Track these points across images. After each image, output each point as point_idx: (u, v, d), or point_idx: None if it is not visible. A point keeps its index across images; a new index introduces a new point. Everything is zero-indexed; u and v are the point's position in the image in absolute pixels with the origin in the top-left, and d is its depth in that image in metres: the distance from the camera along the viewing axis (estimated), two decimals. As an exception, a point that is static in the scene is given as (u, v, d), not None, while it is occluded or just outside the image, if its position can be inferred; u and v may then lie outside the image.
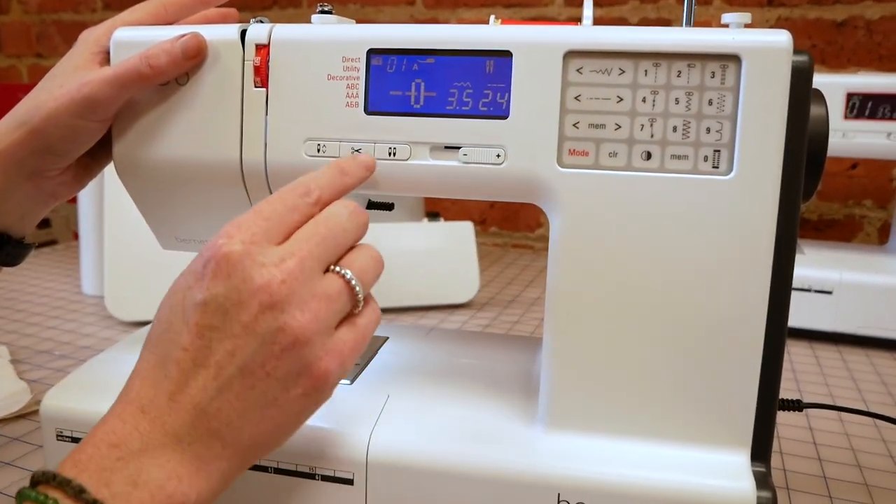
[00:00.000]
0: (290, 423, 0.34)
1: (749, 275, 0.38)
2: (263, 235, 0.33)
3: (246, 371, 0.32)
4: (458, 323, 0.85)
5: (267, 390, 0.32)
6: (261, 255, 0.32)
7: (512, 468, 0.39)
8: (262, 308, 0.32)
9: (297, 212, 0.35)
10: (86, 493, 0.29)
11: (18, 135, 0.42)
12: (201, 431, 0.32)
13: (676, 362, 0.39)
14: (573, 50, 0.38)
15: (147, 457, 0.31)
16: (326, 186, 0.36)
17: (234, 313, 0.32)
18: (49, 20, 1.66)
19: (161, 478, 0.30)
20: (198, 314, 0.32)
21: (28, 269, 1.05)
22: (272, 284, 0.32)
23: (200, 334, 0.32)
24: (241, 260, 0.32)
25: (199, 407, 0.32)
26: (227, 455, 0.32)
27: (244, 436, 0.32)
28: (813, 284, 0.79)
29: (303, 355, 0.32)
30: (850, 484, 0.51)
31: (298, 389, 0.33)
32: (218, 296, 0.32)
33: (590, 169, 0.38)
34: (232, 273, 0.32)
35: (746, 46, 0.36)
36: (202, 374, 0.32)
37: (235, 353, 0.32)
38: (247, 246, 0.32)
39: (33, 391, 0.62)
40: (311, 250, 0.33)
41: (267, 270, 0.32)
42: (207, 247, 0.33)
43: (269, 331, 0.32)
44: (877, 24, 1.06)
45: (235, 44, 0.41)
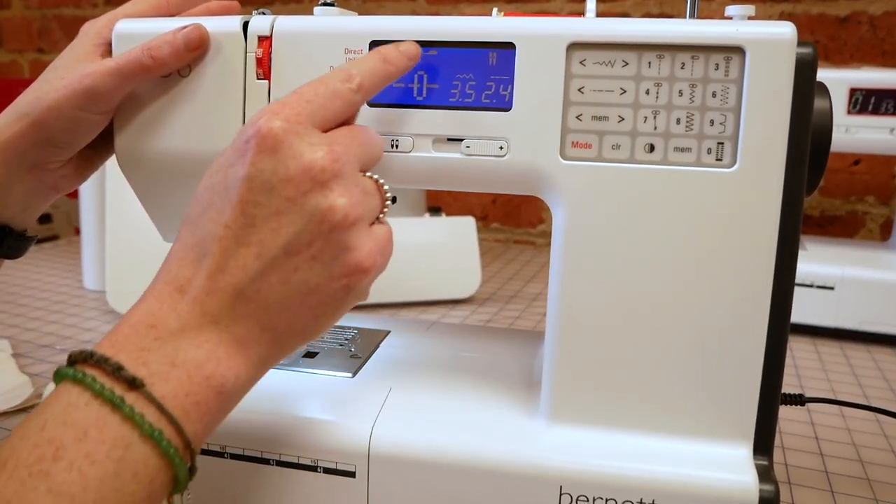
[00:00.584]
0: (328, 314, 0.33)
1: (752, 268, 0.37)
2: (308, 117, 0.32)
3: (290, 251, 0.31)
4: (460, 318, 0.85)
5: (310, 274, 0.31)
6: (308, 135, 0.31)
7: (514, 461, 0.39)
8: (312, 184, 0.31)
9: (339, 97, 0.33)
10: (123, 371, 0.28)
11: (20, 127, 0.42)
12: (240, 314, 0.31)
13: (679, 356, 0.39)
14: (576, 42, 0.37)
15: (185, 337, 0.30)
16: (368, 73, 0.35)
17: (281, 189, 0.30)
18: (50, 15, 1.65)
19: (199, 358, 0.30)
20: (242, 190, 0.31)
21: (30, 263, 1.05)
22: (323, 161, 0.31)
23: (244, 211, 0.31)
24: (288, 136, 0.31)
25: (238, 288, 0.31)
26: (266, 340, 0.32)
27: (282, 321, 0.32)
28: (815, 280, 0.79)
29: (349, 239, 0.31)
30: (852, 478, 0.51)
31: (341, 277, 0.32)
32: (264, 170, 0.31)
33: (593, 161, 0.38)
34: (278, 148, 0.31)
35: (750, 38, 0.36)
36: (244, 252, 0.31)
37: (280, 230, 0.31)
38: (293, 124, 0.31)
39: (35, 385, 0.62)
40: (353, 148, 0.33)
41: (318, 148, 0.31)
42: (250, 123, 0.32)
43: (317, 209, 0.31)
44: (880, 19, 1.06)
45: (238, 35, 0.41)
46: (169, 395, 0.29)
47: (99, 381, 0.28)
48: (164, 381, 0.29)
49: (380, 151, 0.35)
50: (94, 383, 0.28)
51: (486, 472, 0.39)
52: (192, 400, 0.30)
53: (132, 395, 0.28)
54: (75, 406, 0.28)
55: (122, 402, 0.28)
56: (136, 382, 0.28)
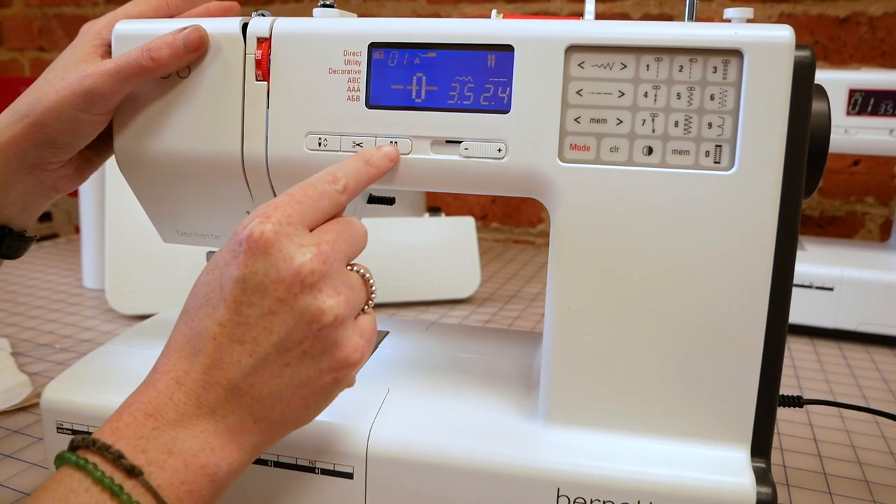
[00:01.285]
0: (319, 402, 0.35)
1: (750, 270, 0.38)
2: (298, 218, 0.34)
3: (282, 348, 0.32)
4: (459, 318, 0.85)
5: (301, 369, 0.33)
6: (298, 237, 0.33)
7: (511, 463, 0.39)
8: (303, 287, 0.32)
9: (327, 198, 0.35)
10: (124, 459, 0.30)
11: (20, 127, 0.42)
12: (234, 406, 0.32)
13: (677, 357, 0.39)
14: (575, 44, 0.38)
15: (182, 427, 0.32)
16: (353, 176, 0.37)
17: (273, 290, 0.32)
18: (51, 13, 1.65)
19: (195, 447, 0.31)
20: (236, 290, 0.32)
21: (29, 262, 1.06)
22: (312, 264, 0.32)
23: (237, 310, 0.32)
24: (279, 238, 0.32)
25: (233, 383, 0.32)
26: (258, 429, 0.33)
27: (275, 412, 0.33)
28: (814, 281, 0.79)
29: (338, 337, 0.33)
30: (850, 480, 0.51)
31: (331, 371, 0.34)
32: (257, 272, 0.32)
33: (591, 164, 0.38)
34: (270, 251, 0.32)
35: (748, 41, 0.36)
36: (238, 349, 0.32)
37: (272, 329, 0.32)
38: (283, 226, 0.33)
39: (34, 384, 0.62)
40: (340, 244, 0.35)
41: (307, 250, 0.33)
42: (243, 225, 0.33)
43: (307, 310, 0.32)
44: (879, 20, 1.06)
45: (237, 37, 0.41)
46: (165, 484, 0.30)
47: (100, 469, 0.29)
48: (160, 469, 0.30)
49: (364, 241, 0.37)
50: (94, 470, 0.29)
51: (484, 473, 0.39)
52: (186, 488, 0.31)
53: (130, 482, 0.30)
54: (76, 492, 0.29)
55: (121, 489, 0.29)
56: (134, 471, 0.30)
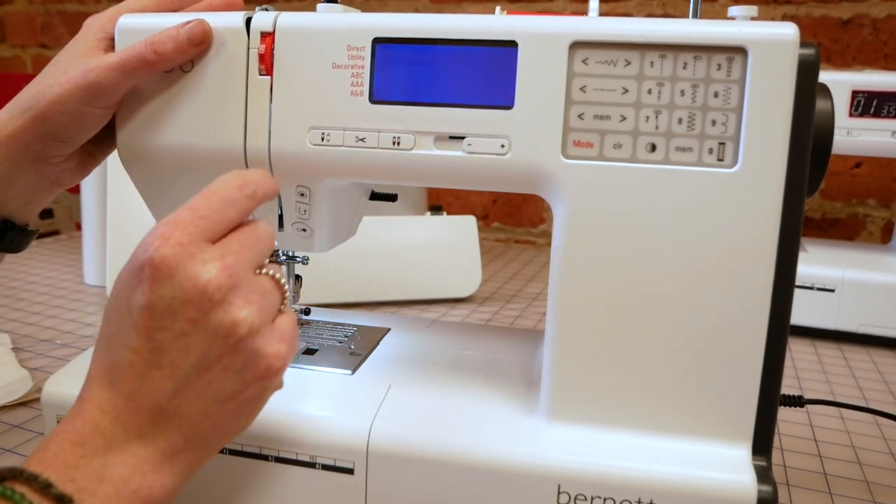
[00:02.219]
0: (248, 413, 0.34)
1: (752, 268, 0.37)
2: (200, 234, 0.32)
3: (202, 367, 0.32)
4: (460, 317, 0.85)
5: (225, 384, 0.32)
6: (201, 254, 0.32)
7: (512, 459, 0.39)
8: (212, 304, 0.31)
9: (234, 206, 0.34)
10: (53, 488, 0.29)
11: (23, 121, 0.42)
12: (163, 429, 0.32)
13: (678, 355, 0.39)
14: (579, 40, 0.37)
15: (111, 454, 0.31)
16: (260, 183, 0.35)
17: (182, 312, 0.31)
18: (53, 10, 1.65)
19: (125, 473, 0.31)
20: (145, 317, 0.31)
21: (31, 258, 1.06)
22: (219, 280, 0.31)
23: (150, 336, 0.31)
24: (182, 260, 0.31)
25: (158, 406, 0.32)
26: (190, 447, 0.33)
27: (205, 429, 0.33)
28: (815, 282, 0.79)
29: (256, 346, 0.33)
30: (851, 481, 0.51)
31: (255, 381, 0.33)
32: (163, 297, 0.31)
33: (594, 160, 0.38)
34: (174, 273, 0.31)
35: (753, 39, 0.36)
36: (157, 374, 0.32)
37: (189, 350, 0.32)
38: (185, 246, 0.32)
39: (35, 379, 0.62)
40: (245, 252, 0.33)
41: (211, 266, 0.32)
42: (142, 247, 0.32)
43: (220, 325, 0.31)
44: (882, 22, 1.06)
45: (240, 31, 0.41)
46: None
47: (27, 499, 0.28)
48: (92, 496, 0.30)
49: (271, 243, 0.36)
50: (22, 500, 0.28)
51: (485, 469, 0.39)
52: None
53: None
54: None
55: None
56: (64, 499, 0.29)
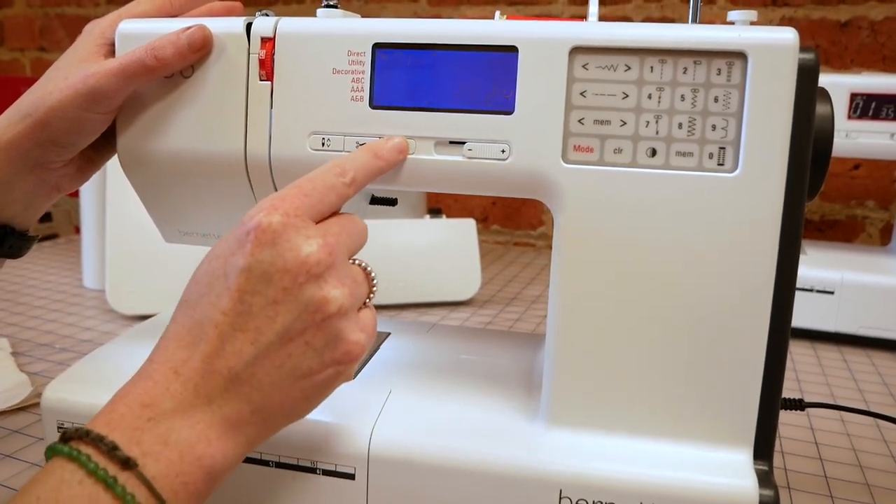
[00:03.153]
0: (317, 395, 0.35)
1: (753, 273, 0.37)
2: (306, 210, 0.34)
3: (285, 338, 0.32)
4: (460, 320, 0.85)
5: (303, 360, 0.33)
6: (305, 229, 0.33)
7: (514, 464, 0.39)
8: (308, 276, 0.32)
9: (335, 191, 0.36)
10: (118, 451, 0.29)
11: (23, 126, 0.42)
12: (233, 396, 0.32)
13: (680, 359, 0.39)
14: (579, 46, 0.38)
15: (178, 417, 0.31)
16: (361, 168, 0.37)
17: (278, 279, 0.32)
18: (52, 13, 1.65)
19: (191, 439, 0.31)
20: (241, 279, 0.32)
21: (30, 262, 1.05)
22: (319, 254, 0.33)
23: (241, 299, 0.32)
24: (286, 230, 0.33)
25: (234, 371, 0.32)
26: (255, 421, 0.33)
27: (274, 403, 0.33)
28: (815, 284, 0.79)
29: (341, 329, 0.33)
30: (851, 484, 0.51)
31: (332, 364, 0.34)
32: (263, 261, 0.32)
33: (594, 165, 0.38)
34: (277, 241, 0.32)
35: (752, 43, 0.36)
36: (240, 337, 0.32)
37: (276, 318, 0.32)
38: (291, 218, 0.33)
39: (34, 384, 0.62)
40: (344, 238, 0.35)
41: (314, 241, 0.33)
42: (250, 215, 0.33)
43: (312, 299, 0.32)
44: (881, 24, 1.06)
45: (241, 37, 0.41)
46: (160, 476, 0.30)
47: (94, 460, 0.29)
48: (155, 460, 0.30)
49: (365, 238, 0.37)
50: (88, 462, 0.29)
51: (486, 475, 0.39)
52: (181, 480, 0.30)
53: (125, 474, 0.29)
54: (69, 483, 0.28)
55: (115, 481, 0.28)
56: (129, 462, 0.29)
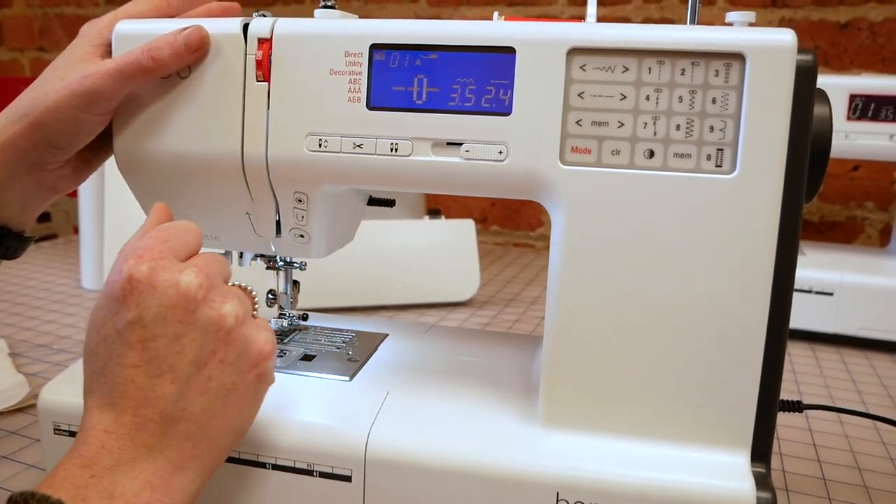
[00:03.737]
0: (249, 406, 0.36)
1: (751, 274, 0.37)
2: (168, 252, 0.35)
3: (199, 364, 0.33)
4: (459, 321, 0.84)
5: (223, 377, 0.34)
6: (173, 265, 0.34)
7: (510, 466, 0.38)
8: (196, 302, 0.33)
9: (190, 231, 0.37)
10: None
11: (19, 127, 0.42)
12: (172, 438, 0.33)
13: (677, 362, 0.39)
14: (577, 47, 0.37)
15: (120, 471, 0.31)
16: None
17: (171, 315, 0.33)
18: (52, 13, 1.65)
19: (135, 488, 0.31)
20: (136, 331, 0.33)
21: (28, 262, 1.05)
22: (197, 279, 0.34)
23: (145, 347, 0.33)
24: (159, 272, 0.34)
25: (165, 413, 0.33)
26: (200, 453, 0.33)
27: (213, 429, 0.34)
28: (814, 286, 0.79)
29: (245, 334, 0.35)
30: (850, 486, 0.51)
31: (251, 368, 0.35)
32: (150, 307, 0.33)
33: (592, 167, 0.38)
34: (154, 284, 0.33)
35: (751, 45, 0.36)
36: (158, 382, 0.33)
37: (184, 351, 0.33)
38: (158, 261, 0.34)
39: (31, 385, 0.62)
40: (213, 265, 0.36)
41: (188, 271, 0.34)
42: (114, 273, 0.34)
43: (209, 320, 0.34)
44: (880, 25, 1.06)
45: (238, 37, 0.41)
46: None
47: None
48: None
49: (229, 269, 0.38)
50: None
51: (483, 477, 0.38)
52: None
53: None
54: None
55: None
56: None
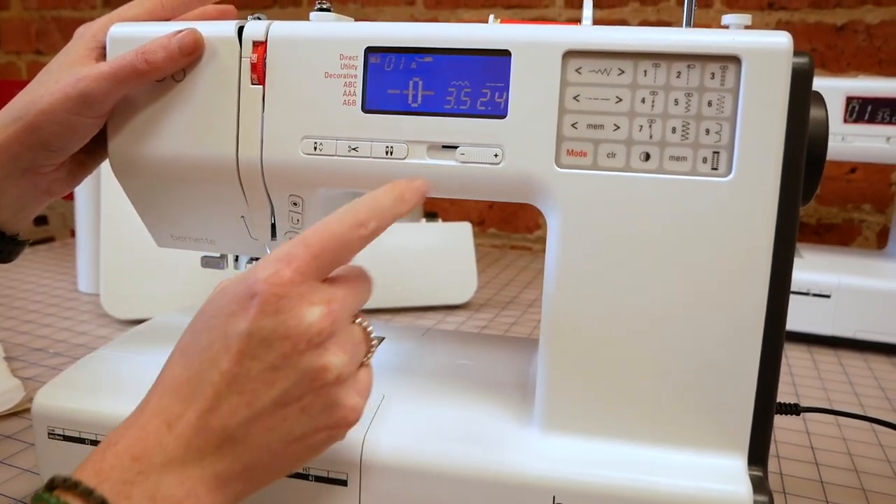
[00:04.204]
0: (308, 457, 0.34)
1: (747, 277, 0.37)
2: (313, 273, 0.33)
3: (281, 403, 0.32)
4: (456, 324, 0.84)
5: (297, 425, 0.33)
6: (310, 294, 0.32)
7: (507, 470, 0.38)
8: (309, 345, 0.32)
9: (348, 248, 0.34)
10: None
11: (13, 130, 0.42)
12: (225, 453, 0.32)
13: (673, 365, 0.39)
14: (572, 50, 0.37)
15: (168, 472, 0.31)
16: (383, 216, 0.35)
17: (279, 346, 0.32)
18: (48, 16, 1.65)
19: (179, 495, 0.31)
20: (241, 342, 0.32)
21: (24, 266, 1.05)
22: (321, 323, 0.32)
23: (241, 362, 0.32)
24: (292, 300, 0.32)
25: (228, 430, 0.32)
26: (244, 478, 0.33)
27: (264, 463, 0.33)
28: (811, 288, 0.79)
29: (338, 395, 0.33)
30: (847, 488, 0.51)
31: (326, 429, 0.34)
32: (264, 328, 0.32)
33: (588, 170, 0.38)
34: (281, 309, 0.32)
35: (746, 47, 0.36)
36: (236, 399, 0.32)
37: (274, 384, 0.32)
38: (296, 286, 0.32)
39: (27, 389, 0.62)
40: (348, 301, 0.34)
41: (318, 310, 0.32)
42: (255, 276, 0.32)
43: (311, 367, 0.32)
44: (877, 28, 1.06)
45: (232, 40, 0.41)
46: None
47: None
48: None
49: (370, 294, 0.37)
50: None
51: (479, 481, 0.38)
52: None
53: None
54: None
55: None
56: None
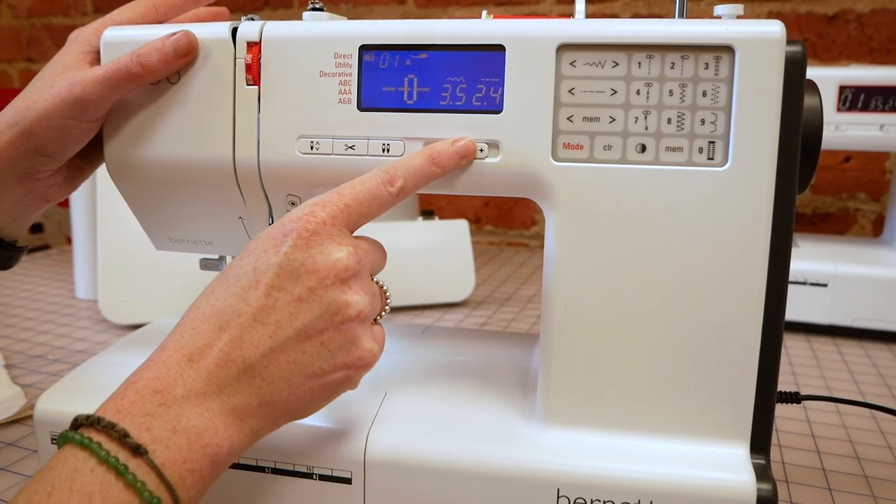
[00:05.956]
0: (323, 398, 0.35)
1: (746, 266, 0.37)
2: (343, 220, 0.36)
3: (303, 335, 0.33)
4: (454, 321, 0.84)
5: (316, 359, 0.34)
6: (338, 236, 0.35)
7: (511, 465, 0.38)
8: (335, 280, 0.34)
9: (377, 201, 0.37)
10: (129, 438, 0.30)
11: (9, 136, 0.42)
12: (244, 386, 0.33)
13: (674, 356, 0.39)
14: (566, 43, 0.37)
15: (188, 403, 0.32)
16: (413, 175, 0.38)
17: (306, 279, 0.33)
18: (39, 24, 1.65)
19: (199, 426, 0.31)
20: (271, 275, 0.34)
21: (21, 273, 1.05)
22: (348, 261, 0.34)
23: (268, 293, 0.33)
24: (321, 234, 0.34)
25: (248, 362, 0.33)
26: (261, 413, 0.34)
27: (282, 398, 0.34)
28: (808, 277, 0.80)
29: (358, 333, 0.35)
30: (849, 475, 0.51)
31: (344, 367, 0.35)
32: (294, 260, 0.34)
33: (584, 162, 0.38)
34: (312, 244, 0.34)
35: (739, 37, 0.36)
36: (259, 330, 0.33)
37: (297, 315, 0.33)
38: (327, 226, 0.35)
39: (27, 396, 0.62)
40: (371, 254, 0.37)
41: (345, 249, 0.35)
42: (289, 217, 0.35)
43: (334, 301, 0.34)
44: (868, 17, 1.06)
45: (227, 42, 0.41)
46: (168, 462, 0.30)
47: (105, 448, 0.29)
48: (165, 447, 0.30)
49: (385, 262, 0.39)
50: (100, 450, 0.29)
51: (483, 476, 0.38)
52: (188, 468, 0.31)
53: (135, 461, 0.29)
54: (81, 472, 0.29)
55: (127, 469, 0.29)
56: (139, 450, 0.30)
